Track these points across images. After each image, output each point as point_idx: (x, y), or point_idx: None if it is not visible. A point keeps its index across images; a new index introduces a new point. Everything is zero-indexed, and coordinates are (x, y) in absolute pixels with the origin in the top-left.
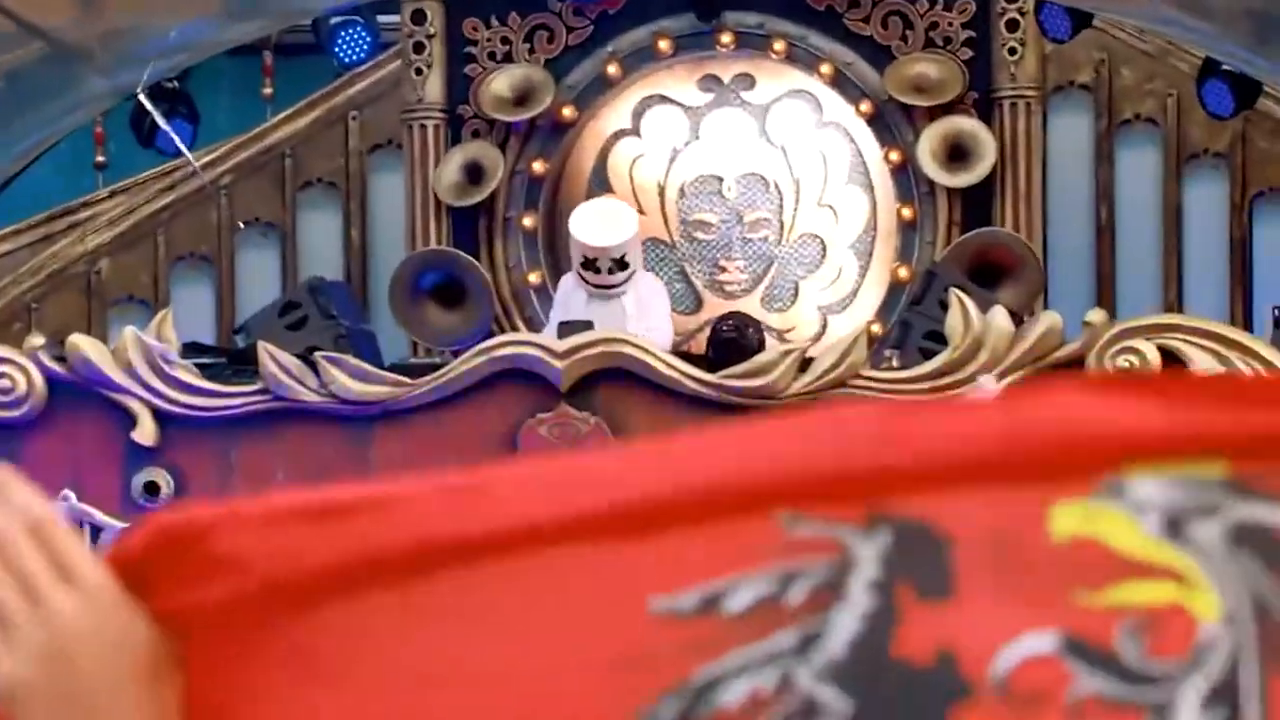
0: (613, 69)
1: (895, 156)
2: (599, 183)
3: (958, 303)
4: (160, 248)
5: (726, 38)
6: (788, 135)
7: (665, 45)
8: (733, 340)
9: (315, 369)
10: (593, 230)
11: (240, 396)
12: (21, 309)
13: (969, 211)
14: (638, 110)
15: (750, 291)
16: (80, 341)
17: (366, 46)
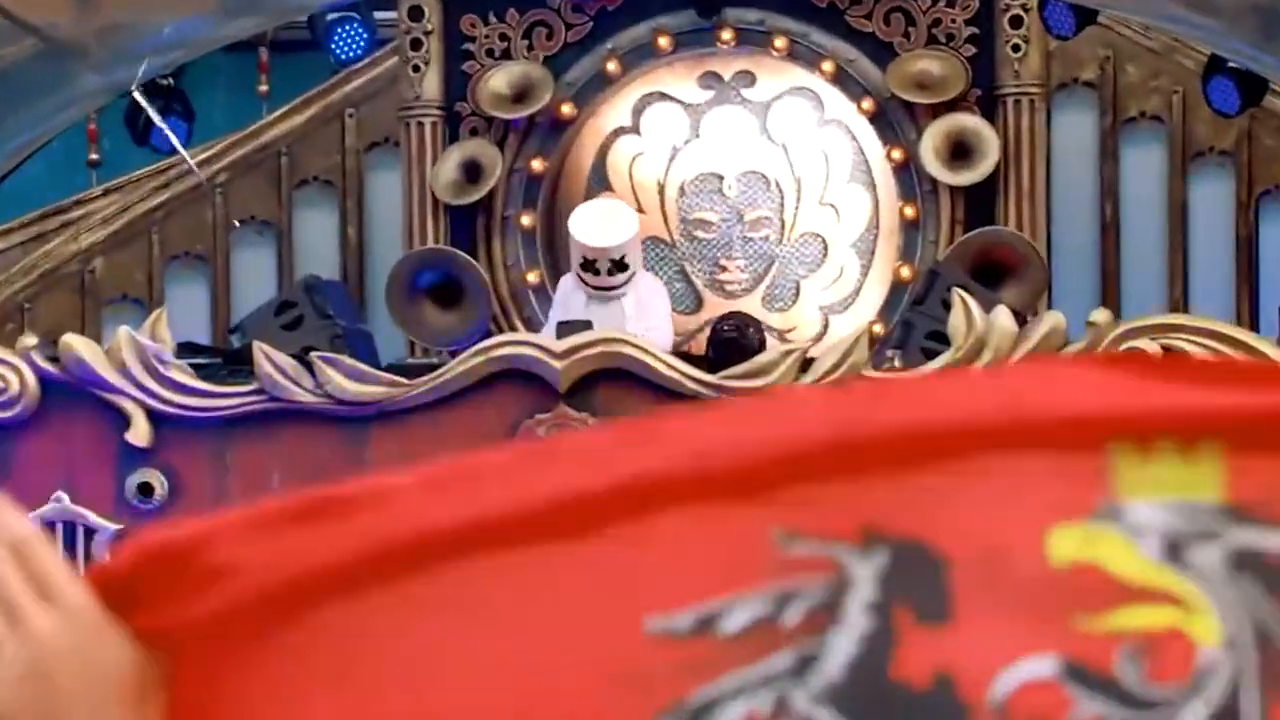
0: (612, 66)
1: (897, 154)
2: (598, 181)
3: (960, 302)
4: (155, 246)
5: (727, 34)
6: (789, 133)
7: (665, 42)
8: (733, 340)
9: (311, 369)
10: (592, 230)
11: (235, 397)
12: (14, 309)
13: (972, 210)
14: (637, 108)
15: (751, 291)
16: (74, 341)
17: (363, 43)
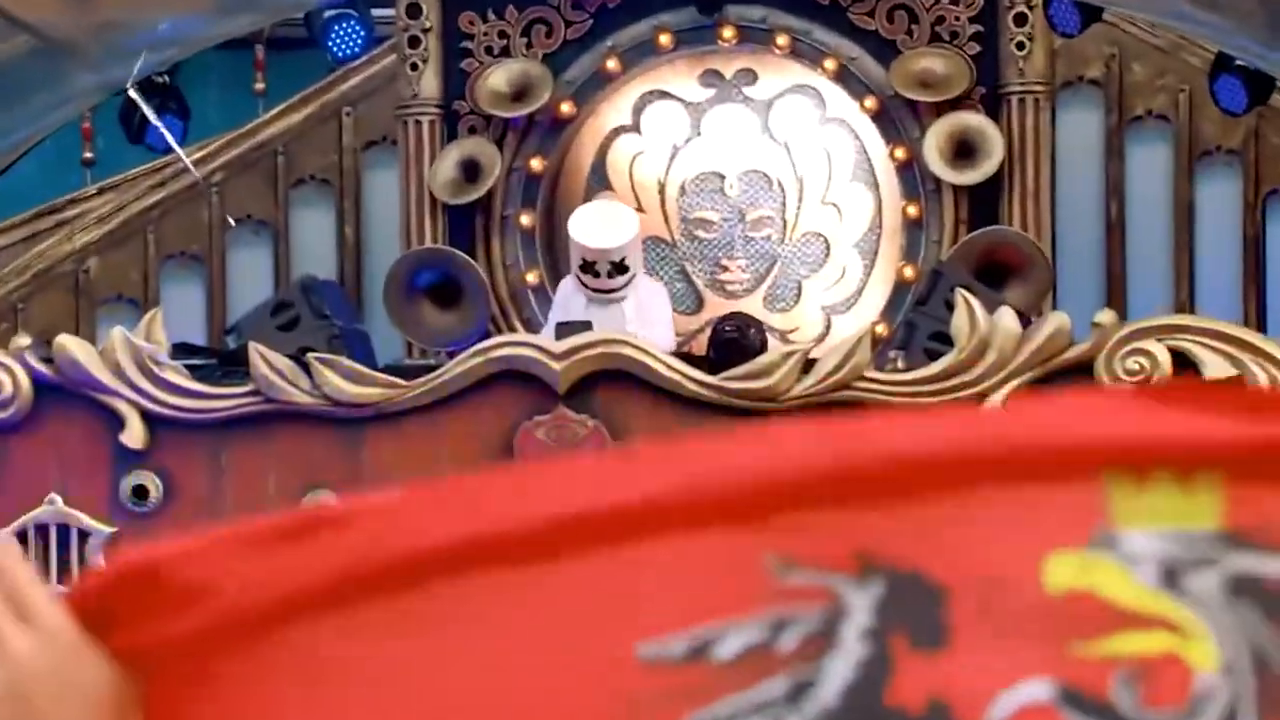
0: (612, 64)
1: (901, 153)
2: (598, 180)
3: (964, 303)
4: (150, 246)
5: (728, 32)
6: (791, 132)
7: (666, 40)
8: (734, 341)
9: (308, 370)
10: (591, 232)
11: (231, 398)
12: (8, 309)
13: (976, 209)
14: (638, 106)
15: (752, 291)
16: (68, 342)
17: (360, 41)
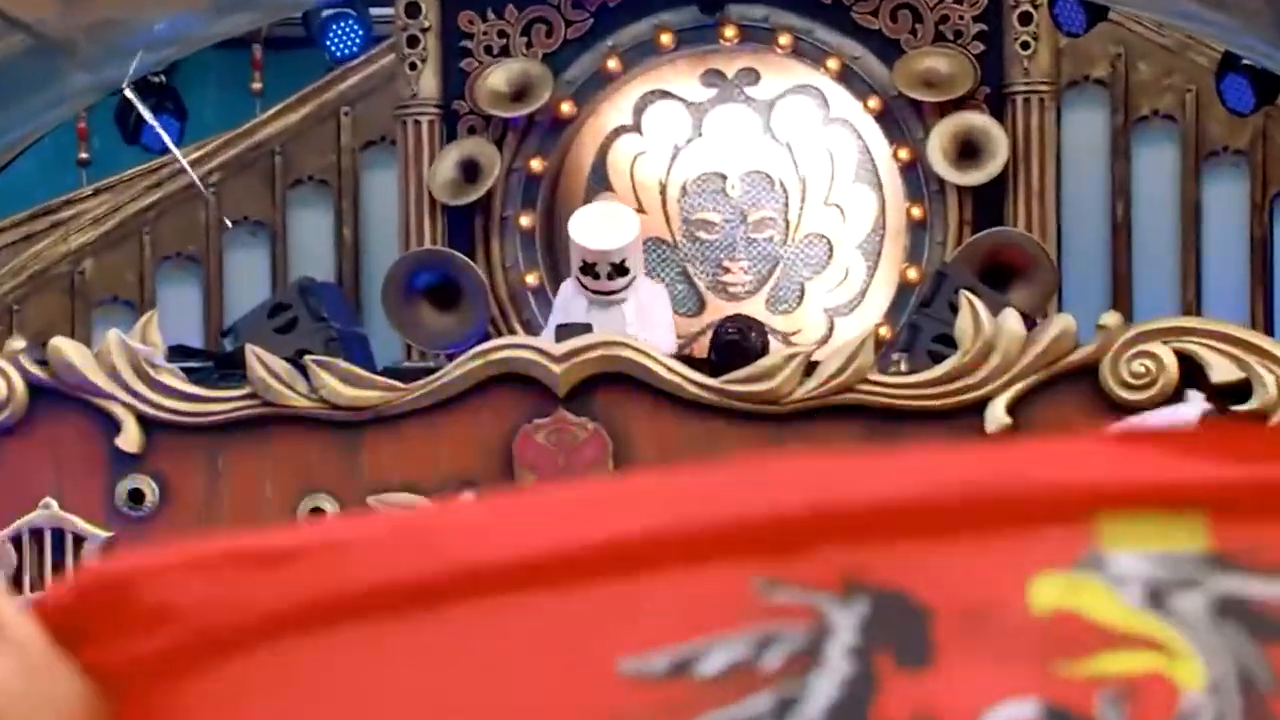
0: (613, 63)
1: (904, 154)
2: (599, 181)
3: (968, 305)
4: (146, 247)
5: (730, 31)
6: (793, 132)
7: (667, 39)
8: (736, 343)
9: (305, 373)
10: (592, 233)
11: (228, 401)
12: (2, 311)
13: (980, 210)
14: (638, 106)
15: (754, 293)
16: (63, 344)
17: (359, 40)
